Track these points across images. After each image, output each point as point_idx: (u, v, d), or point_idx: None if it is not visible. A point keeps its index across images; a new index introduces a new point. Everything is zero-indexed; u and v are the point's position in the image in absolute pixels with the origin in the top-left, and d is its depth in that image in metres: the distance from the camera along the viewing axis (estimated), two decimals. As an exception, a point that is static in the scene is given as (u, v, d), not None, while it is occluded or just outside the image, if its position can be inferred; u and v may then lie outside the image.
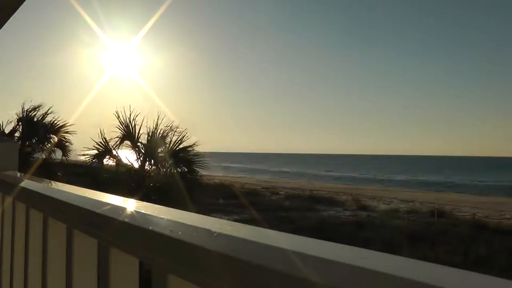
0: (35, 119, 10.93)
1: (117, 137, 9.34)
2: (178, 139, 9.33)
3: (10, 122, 10.82)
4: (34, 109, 11.02)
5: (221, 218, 0.77)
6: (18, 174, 2.09)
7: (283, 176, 68.85)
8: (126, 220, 0.78)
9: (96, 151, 9.30)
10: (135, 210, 0.85)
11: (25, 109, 10.94)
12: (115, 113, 9.36)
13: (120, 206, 0.92)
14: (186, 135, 9.34)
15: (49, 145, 11.02)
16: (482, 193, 44.09)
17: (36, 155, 10.74)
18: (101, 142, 9.30)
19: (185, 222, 0.70)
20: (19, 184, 1.57)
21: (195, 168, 9.36)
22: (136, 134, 9.35)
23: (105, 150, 9.33)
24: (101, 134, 9.30)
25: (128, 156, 9.46)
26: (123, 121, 9.36)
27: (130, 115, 9.38)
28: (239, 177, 58.18)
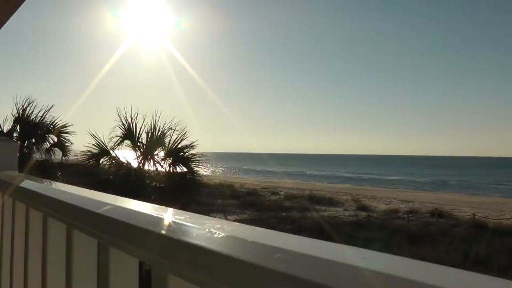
0: (33, 118, 10.85)
1: (117, 136, 9.33)
2: (178, 138, 9.33)
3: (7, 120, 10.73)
4: (28, 105, 10.88)
5: (221, 218, 0.77)
6: (18, 174, 2.09)
7: (283, 177, 68.81)
8: (126, 220, 0.78)
9: (93, 151, 9.28)
10: (135, 210, 0.85)
11: (20, 107, 10.82)
12: (117, 112, 9.35)
13: (120, 206, 0.92)
14: (186, 133, 9.34)
15: (48, 145, 10.98)
16: (481, 194, 44.10)
17: (35, 156, 10.68)
18: (99, 143, 9.29)
19: (185, 222, 0.70)
20: (19, 184, 1.57)
21: (194, 168, 9.35)
22: (137, 134, 9.34)
23: (102, 150, 9.31)
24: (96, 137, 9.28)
25: (128, 156, 9.45)
26: (124, 121, 9.34)
27: (132, 114, 9.37)
28: (239, 177, 58.13)
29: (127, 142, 9.42)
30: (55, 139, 11.04)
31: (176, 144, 9.30)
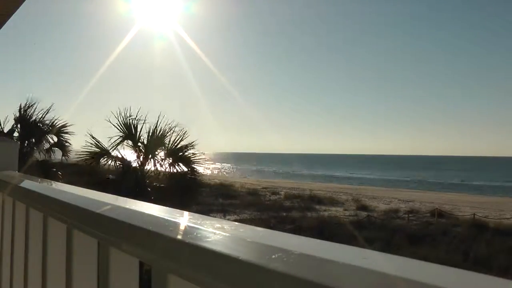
0: (33, 118, 10.86)
1: (117, 135, 9.31)
2: (178, 139, 9.32)
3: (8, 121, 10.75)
4: (29, 106, 10.91)
5: (221, 218, 0.77)
6: (18, 174, 2.09)
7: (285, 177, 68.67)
8: (126, 220, 0.78)
9: (94, 151, 9.27)
10: (135, 210, 0.85)
11: (22, 107, 10.84)
12: (116, 112, 9.34)
13: (120, 206, 0.92)
14: (186, 134, 9.33)
15: (48, 145, 10.99)
16: (482, 193, 44.07)
17: (35, 155, 10.69)
18: (97, 144, 9.27)
19: (185, 222, 0.70)
20: (19, 184, 1.57)
21: (194, 168, 9.35)
22: (138, 133, 9.32)
23: (103, 150, 9.30)
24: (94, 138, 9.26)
25: (129, 155, 9.44)
26: (123, 122, 9.31)
27: (132, 114, 9.36)
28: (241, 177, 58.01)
29: (128, 142, 9.41)
30: (55, 139, 11.06)
31: (176, 144, 9.30)
